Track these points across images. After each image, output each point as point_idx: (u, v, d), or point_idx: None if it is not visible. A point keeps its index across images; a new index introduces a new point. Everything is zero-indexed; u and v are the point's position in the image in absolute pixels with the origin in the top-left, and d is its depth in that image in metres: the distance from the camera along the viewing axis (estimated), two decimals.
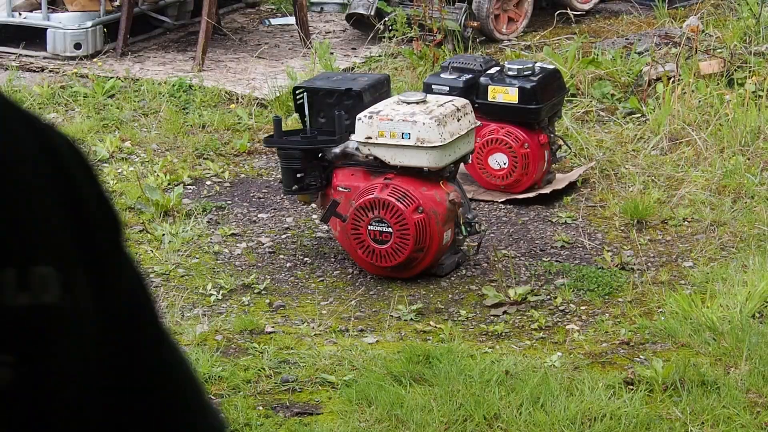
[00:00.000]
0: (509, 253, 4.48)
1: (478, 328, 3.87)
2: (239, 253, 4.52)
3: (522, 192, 5.04)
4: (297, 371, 3.52)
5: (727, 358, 3.51)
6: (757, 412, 3.22)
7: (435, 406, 3.25)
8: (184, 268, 4.35)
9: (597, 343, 3.71)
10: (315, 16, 8.38)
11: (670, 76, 5.96)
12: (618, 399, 3.29)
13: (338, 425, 3.22)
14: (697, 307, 3.80)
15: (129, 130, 5.84)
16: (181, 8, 7.54)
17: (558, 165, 5.33)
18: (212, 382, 3.46)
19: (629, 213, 4.73)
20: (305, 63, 6.61)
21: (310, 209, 4.97)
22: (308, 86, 4.51)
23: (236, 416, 3.25)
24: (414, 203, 4.15)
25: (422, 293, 4.16)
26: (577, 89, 6.17)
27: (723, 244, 4.44)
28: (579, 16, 7.97)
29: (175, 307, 4.00)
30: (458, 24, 7.07)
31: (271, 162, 5.56)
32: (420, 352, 3.56)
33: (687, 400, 3.27)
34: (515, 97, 4.89)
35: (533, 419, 3.19)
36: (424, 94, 4.29)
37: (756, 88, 5.64)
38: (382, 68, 6.67)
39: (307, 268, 4.40)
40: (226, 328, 3.83)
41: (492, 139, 4.99)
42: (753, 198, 4.80)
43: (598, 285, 4.12)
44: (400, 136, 4.15)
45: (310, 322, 3.90)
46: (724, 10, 7.29)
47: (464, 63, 5.06)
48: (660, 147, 5.42)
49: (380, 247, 4.19)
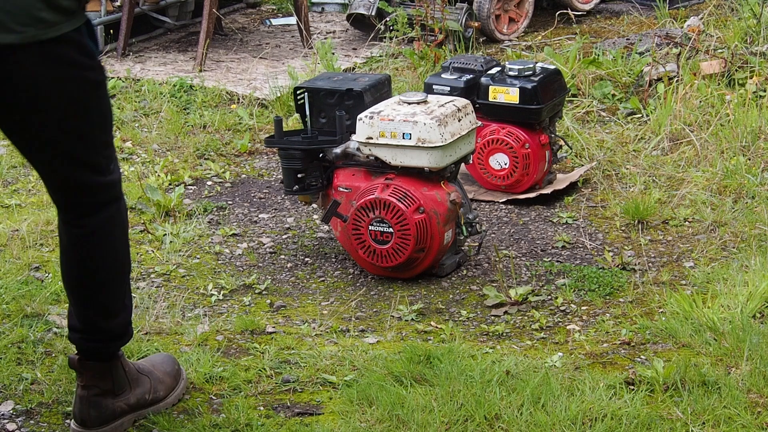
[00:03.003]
0: (510, 253, 4.48)
1: (479, 329, 3.87)
2: (240, 254, 4.52)
3: (523, 192, 5.04)
4: (298, 371, 3.53)
5: (728, 359, 3.51)
6: (758, 412, 3.22)
7: (436, 406, 3.25)
8: (185, 269, 4.36)
9: (598, 343, 3.71)
10: (316, 16, 8.38)
11: (671, 77, 5.96)
12: (619, 399, 3.29)
13: (339, 425, 3.22)
14: (698, 307, 3.80)
15: (130, 130, 5.85)
16: (182, 8, 7.55)
17: (559, 165, 5.33)
18: (213, 383, 3.46)
19: (630, 213, 4.73)
20: (306, 63, 6.61)
21: (310, 209, 4.97)
22: (309, 86, 4.52)
23: (237, 416, 3.26)
24: (415, 203, 4.15)
25: (423, 293, 4.17)
26: (578, 89, 6.17)
27: (724, 244, 4.44)
28: (580, 17, 7.98)
29: (176, 307, 4.00)
30: (459, 24, 7.07)
31: (272, 162, 5.56)
32: (421, 352, 3.56)
33: (688, 401, 3.27)
34: (516, 97, 4.89)
35: (534, 419, 3.19)
36: (425, 95, 4.29)
37: (757, 89, 5.64)
38: (383, 68, 6.68)
39: (308, 268, 4.41)
40: (227, 329, 3.83)
41: (493, 140, 4.99)
42: (754, 198, 4.80)
43: (599, 285, 4.12)
44: (401, 136, 4.16)
45: (311, 322, 3.90)
46: (725, 11, 7.29)
47: (465, 63, 5.07)
48: (661, 147, 5.42)
49: (381, 247, 4.19)
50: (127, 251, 3.18)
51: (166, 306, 3.99)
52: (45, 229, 4.65)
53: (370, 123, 4.19)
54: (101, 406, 3.21)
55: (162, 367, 3.40)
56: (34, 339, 3.69)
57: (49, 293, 3.99)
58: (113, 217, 3.09)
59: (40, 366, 3.55)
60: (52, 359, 3.59)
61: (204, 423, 3.23)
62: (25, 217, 4.73)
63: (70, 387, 3.40)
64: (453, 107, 4.23)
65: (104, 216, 3.06)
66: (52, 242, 4.54)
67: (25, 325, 3.77)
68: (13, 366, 3.54)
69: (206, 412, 3.30)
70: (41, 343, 3.68)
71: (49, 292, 4.00)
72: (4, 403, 3.35)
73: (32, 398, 3.37)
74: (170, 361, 3.44)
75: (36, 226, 4.66)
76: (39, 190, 5.15)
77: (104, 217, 3.07)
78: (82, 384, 3.20)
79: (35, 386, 3.44)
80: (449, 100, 4.31)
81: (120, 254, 3.14)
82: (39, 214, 4.80)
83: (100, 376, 3.21)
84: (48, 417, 3.30)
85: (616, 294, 4.08)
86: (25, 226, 4.64)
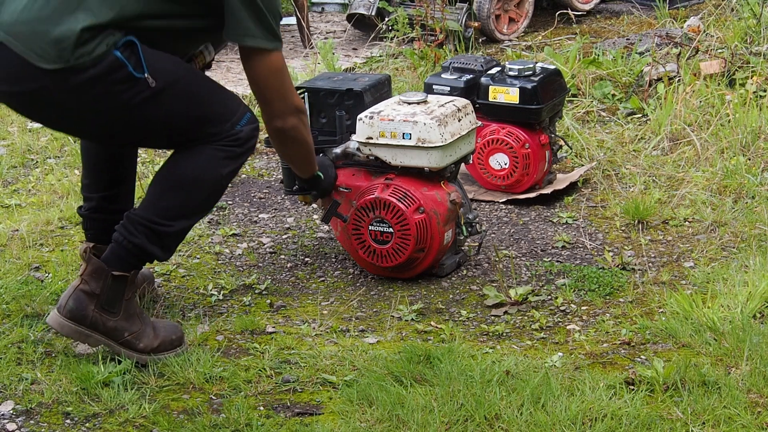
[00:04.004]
0: (510, 253, 4.48)
1: (478, 329, 3.87)
2: (240, 254, 4.52)
3: (523, 192, 5.04)
4: (298, 371, 3.53)
5: (727, 359, 3.51)
6: (758, 412, 3.22)
7: (436, 406, 3.25)
8: (185, 269, 4.36)
9: (598, 343, 3.71)
10: (316, 16, 8.38)
11: (671, 77, 5.96)
12: (619, 399, 3.29)
13: (339, 425, 3.22)
14: (698, 307, 3.80)
15: None
16: None
17: (559, 165, 5.33)
18: (213, 383, 3.46)
19: (630, 213, 4.73)
20: (306, 63, 6.61)
21: (310, 209, 4.97)
22: (309, 86, 4.52)
23: (237, 416, 3.26)
24: (415, 203, 4.15)
25: (423, 293, 4.17)
26: (578, 89, 6.17)
27: (724, 244, 4.44)
28: (580, 17, 7.99)
29: (176, 307, 4.00)
30: (459, 24, 7.08)
31: (272, 162, 5.56)
32: (421, 352, 3.56)
33: (688, 401, 3.27)
34: (516, 97, 4.89)
35: (534, 419, 3.19)
36: (425, 95, 4.29)
37: (757, 89, 5.64)
38: (383, 68, 6.68)
39: (307, 268, 4.41)
40: (227, 329, 3.83)
41: (493, 140, 4.99)
42: (754, 198, 4.80)
43: (599, 285, 4.13)
44: (401, 136, 4.16)
45: (311, 322, 3.90)
46: (725, 11, 7.29)
47: (465, 63, 5.07)
48: (661, 147, 5.42)
49: (381, 247, 4.19)
50: (209, 197, 3.51)
51: (166, 306, 3.99)
52: (45, 229, 4.65)
53: (370, 123, 4.19)
54: (81, 303, 3.44)
55: (161, 331, 3.55)
56: (34, 339, 3.69)
57: (49, 293, 3.99)
58: (212, 156, 3.44)
59: (40, 366, 3.55)
60: (52, 359, 3.59)
61: (204, 423, 3.23)
62: (25, 217, 4.73)
63: (70, 387, 3.40)
64: (453, 107, 4.23)
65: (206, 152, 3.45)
66: (52, 242, 4.54)
67: (25, 325, 3.77)
68: (13, 366, 3.54)
69: (206, 412, 3.30)
70: (41, 343, 3.68)
71: (49, 292, 4.00)
72: (4, 403, 3.35)
73: (32, 398, 3.37)
74: (172, 331, 3.59)
75: (36, 226, 4.66)
76: (39, 190, 5.15)
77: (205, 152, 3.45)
78: (80, 275, 3.45)
79: (35, 386, 3.44)
80: (449, 100, 4.31)
81: (201, 190, 3.47)
82: (39, 214, 4.80)
83: (96, 277, 3.44)
84: (48, 417, 3.30)
85: (616, 294, 4.08)
86: (25, 226, 4.64)
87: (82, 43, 3.21)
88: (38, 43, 3.20)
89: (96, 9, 3.23)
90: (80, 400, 3.36)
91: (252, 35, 3.38)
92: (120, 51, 3.26)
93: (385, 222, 4.17)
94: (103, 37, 3.24)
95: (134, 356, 3.50)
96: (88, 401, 3.35)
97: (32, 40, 3.21)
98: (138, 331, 3.49)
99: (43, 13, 3.22)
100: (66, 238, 4.59)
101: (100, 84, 3.26)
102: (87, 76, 3.23)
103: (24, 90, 3.28)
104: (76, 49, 3.21)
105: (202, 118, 3.44)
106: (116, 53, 3.26)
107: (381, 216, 4.17)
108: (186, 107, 3.42)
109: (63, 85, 3.24)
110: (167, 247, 3.51)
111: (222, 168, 3.47)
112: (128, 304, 3.49)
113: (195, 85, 3.45)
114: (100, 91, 3.27)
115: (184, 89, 3.42)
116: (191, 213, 3.51)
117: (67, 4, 3.22)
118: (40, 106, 3.35)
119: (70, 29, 3.19)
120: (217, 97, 3.48)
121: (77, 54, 3.21)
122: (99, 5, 3.24)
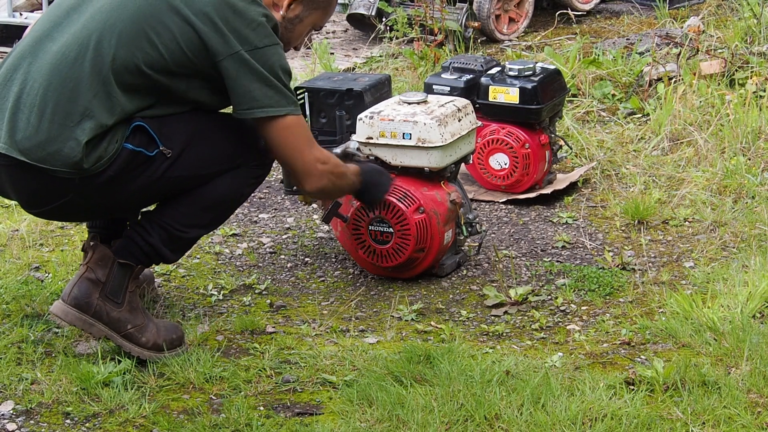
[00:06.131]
0: (510, 253, 4.48)
1: (478, 328, 3.87)
2: (240, 254, 4.52)
3: (523, 192, 5.04)
4: (298, 371, 3.53)
5: (727, 359, 3.51)
6: (758, 412, 3.22)
7: (436, 406, 3.25)
8: (185, 269, 4.36)
9: (598, 343, 3.71)
10: None
11: (671, 77, 5.96)
12: (619, 399, 3.29)
13: (339, 425, 3.22)
14: (697, 307, 3.80)
15: None
16: None
17: (559, 165, 5.33)
18: (213, 383, 3.46)
19: (630, 213, 4.73)
20: (306, 63, 6.60)
21: (310, 209, 4.97)
22: (309, 86, 4.52)
23: (237, 416, 3.26)
24: (415, 203, 4.15)
25: (423, 293, 4.17)
26: (578, 89, 6.17)
27: (724, 244, 4.44)
28: (580, 17, 7.99)
29: (176, 307, 4.00)
30: (459, 24, 7.08)
31: None
32: (421, 352, 3.56)
33: (688, 401, 3.27)
34: (516, 97, 4.89)
35: (534, 419, 3.19)
36: (425, 95, 4.29)
37: (757, 89, 5.64)
38: (383, 68, 6.68)
39: (307, 268, 4.41)
40: (227, 329, 3.83)
41: (493, 140, 4.99)
42: (754, 198, 4.80)
43: (599, 285, 4.12)
44: (401, 136, 4.16)
45: (311, 322, 3.90)
46: (725, 11, 7.30)
47: (465, 63, 5.07)
48: (661, 147, 5.42)
49: (381, 247, 4.19)
50: (223, 212, 3.57)
51: (166, 306, 3.99)
52: (45, 229, 4.65)
53: (370, 123, 4.19)
54: (86, 291, 3.46)
55: (162, 330, 3.57)
56: (34, 339, 3.69)
57: (49, 293, 3.99)
58: (244, 179, 3.53)
59: (40, 366, 3.55)
60: (52, 359, 3.59)
61: (204, 423, 3.23)
62: (25, 217, 4.73)
63: (70, 387, 3.40)
64: (453, 107, 4.23)
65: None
66: (52, 242, 4.54)
67: (25, 325, 3.77)
68: (13, 366, 3.54)
69: (206, 412, 3.30)
70: (41, 343, 3.68)
71: (49, 292, 4.00)
72: (4, 403, 3.35)
73: (32, 398, 3.37)
74: (173, 330, 3.60)
75: (36, 226, 4.66)
76: None
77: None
78: (85, 263, 3.47)
79: (35, 386, 3.44)
80: (449, 100, 4.31)
81: (229, 210, 3.59)
82: None
83: (102, 265, 3.46)
84: (48, 417, 3.30)
85: (616, 294, 4.08)
86: (25, 226, 4.64)
87: (93, 149, 3.27)
88: (54, 163, 3.27)
89: (99, 114, 3.28)
90: (80, 400, 3.36)
91: (260, 107, 3.39)
92: (130, 142, 3.33)
93: (385, 222, 4.17)
94: (112, 135, 3.31)
95: (135, 350, 3.51)
96: (88, 401, 3.35)
97: (47, 160, 3.27)
98: (141, 324, 3.52)
99: (51, 133, 3.26)
100: (66, 238, 4.59)
101: (122, 176, 3.34)
102: (107, 176, 3.31)
103: (54, 206, 3.38)
104: (88, 156, 3.27)
105: (231, 155, 3.50)
106: (127, 146, 3.33)
107: (381, 216, 4.17)
108: (210, 153, 3.47)
109: (89, 190, 3.33)
110: (177, 251, 3.56)
111: (247, 188, 3.59)
112: (132, 297, 3.52)
113: (210, 131, 3.48)
114: (124, 180, 3.35)
115: (202, 140, 3.45)
116: (209, 225, 3.59)
117: (72, 117, 3.27)
118: (76, 211, 3.47)
119: (78, 143, 3.25)
120: (234, 130, 3.52)
121: (91, 160, 3.27)
122: (101, 110, 3.29)
